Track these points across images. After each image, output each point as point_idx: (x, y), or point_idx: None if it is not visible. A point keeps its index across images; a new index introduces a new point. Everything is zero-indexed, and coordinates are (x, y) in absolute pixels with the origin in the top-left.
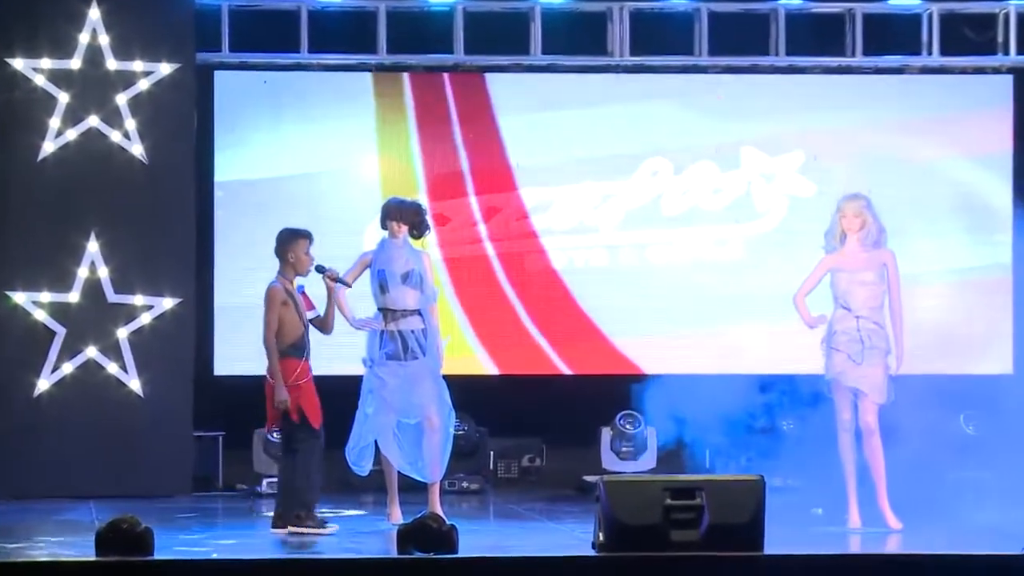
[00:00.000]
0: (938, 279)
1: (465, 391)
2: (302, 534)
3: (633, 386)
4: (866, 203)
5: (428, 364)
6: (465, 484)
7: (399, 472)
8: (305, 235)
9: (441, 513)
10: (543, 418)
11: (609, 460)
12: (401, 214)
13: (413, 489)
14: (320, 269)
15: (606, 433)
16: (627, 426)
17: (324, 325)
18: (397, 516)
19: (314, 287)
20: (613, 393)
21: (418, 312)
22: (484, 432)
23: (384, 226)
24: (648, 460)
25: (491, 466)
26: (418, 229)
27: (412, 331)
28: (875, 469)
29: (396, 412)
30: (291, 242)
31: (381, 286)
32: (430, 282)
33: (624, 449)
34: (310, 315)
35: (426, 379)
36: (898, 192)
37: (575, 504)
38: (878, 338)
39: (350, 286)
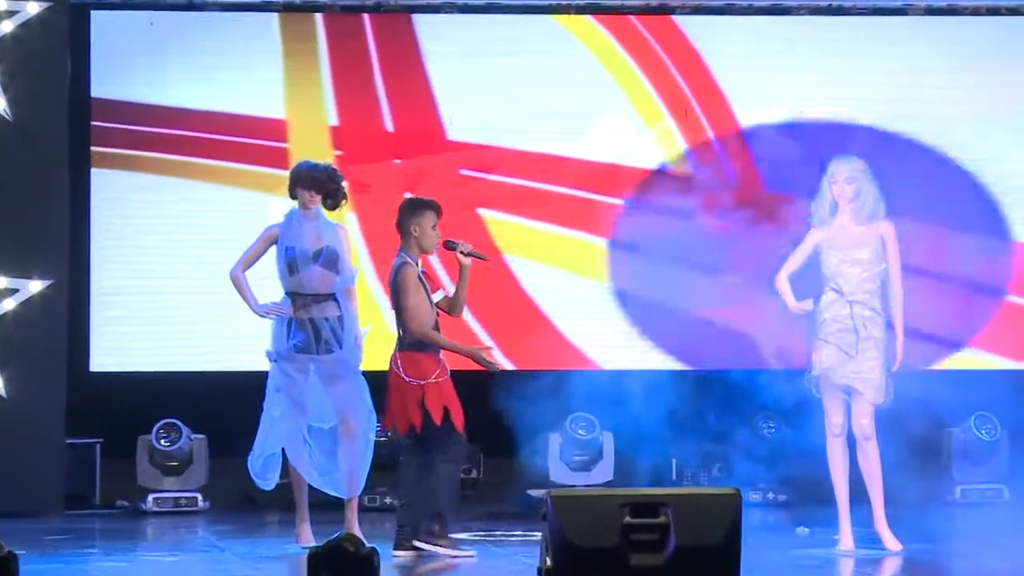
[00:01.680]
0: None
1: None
2: (433, 553)
3: (587, 385)
4: (861, 167)
5: (345, 358)
6: (388, 500)
7: (310, 486)
8: (432, 206)
9: (359, 534)
10: (481, 422)
11: (558, 471)
12: (313, 181)
13: (327, 506)
14: (450, 245)
15: (555, 440)
16: (580, 431)
17: (455, 306)
18: (307, 537)
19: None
20: (564, 393)
21: (333, 297)
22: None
23: (293, 195)
24: (604, 471)
25: None
26: (333, 198)
27: (326, 319)
28: (871, 481)
29: (307, 415)
30: (415, 214)
31: (289, 266)
32: (347, 261)
33: (576, 458)
34: (436, 297)
35: (343, 376)
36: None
37: (518, 523)
38: (874, 327)
39: (487, 259)
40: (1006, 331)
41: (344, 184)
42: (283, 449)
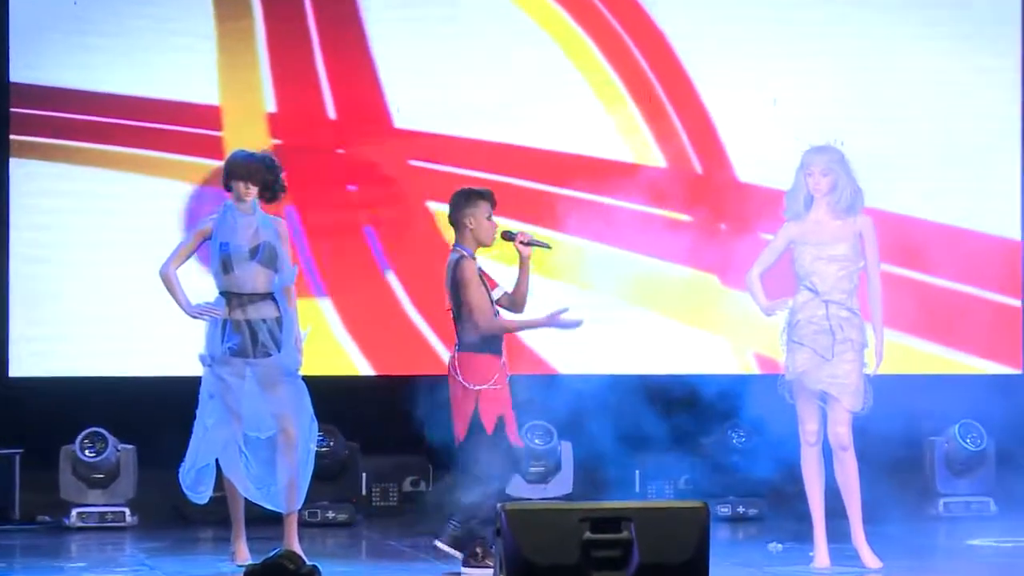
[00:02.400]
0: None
1: (331, 397)
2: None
3: (543, 390)
4: (838, 158)
5: (283, 362)
6: (330, 514)
7: (247, 500)
8: (485, 196)
9: (299, 551)
10: (430, 430)
11: (513, 483)
12: (249, 172)
13: (264, 521)
14: (508, 236)
15: None
16: (536, 440)
17: (516, 302)
18: (244, 555)
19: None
20: (520, 400)
21: (271, 296)
22: (355, 448)
23: (227, 187)
24: (563, 483)
25: (363, 491)
26: (271, 191)
27: (263, 320)
28: (848, 494)
29: (243, 423)
30: (468, 206)
31: (224, 263)
32: (286, 258)
33: (532, 469)
34: (495, 295)
35: (281, 381)
36: (876, 142)
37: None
38: (852, 329)
39: (550, 247)
40: (992, 333)
41: (283, 175)
42: (217, 460)
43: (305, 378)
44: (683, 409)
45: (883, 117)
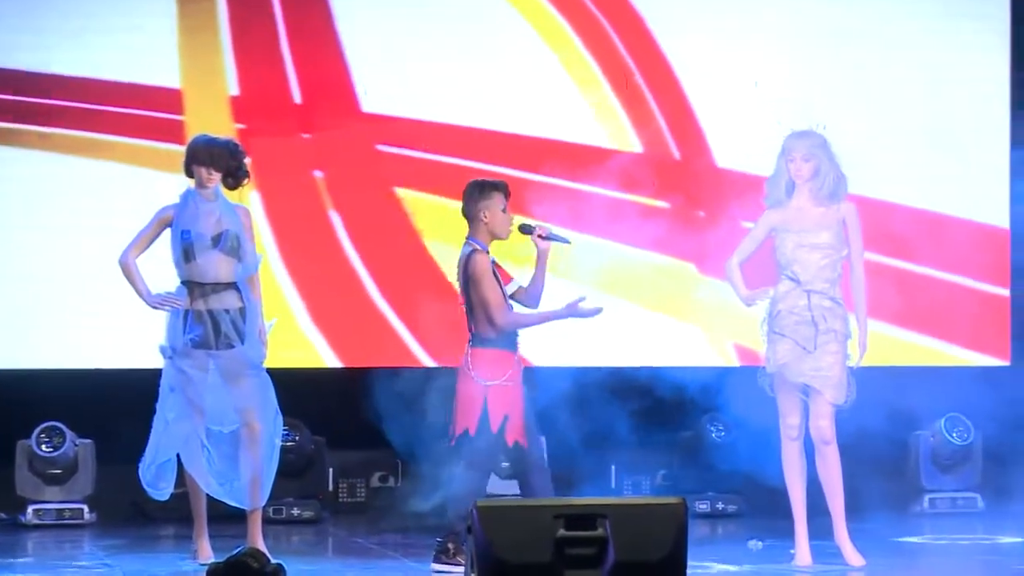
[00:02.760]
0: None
1: (296, 389)
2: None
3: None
4: (820, 142)
5: (247, 354)
6: (296, 511)
7: (209, 496)
8: (500, 188)
9: (264, 549)
10: (399, 424)
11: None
12: (212, 157)
13: (228, 518)
14: (526, 229)
15: None
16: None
17: (531, 297)
18: (206, 553)
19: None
20: None
21: (234, 286)
22: (321, 443)
23: (189, 173)
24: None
25: (330, 487)
26: (234, 177)
27: (226, 311)
28: (830, 490)
29: (205, 417)
30: (483, 198)
31: (186, 252)
32: (250, 247)
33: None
34: (510, 289)
35: (245, 374)
36: (859, 127)
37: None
38: (835, 319)
39: (569, 242)
40: (980, 324)
41: (247, 161)
42: (178, 455)
43: (270, 370)
44: (660, 402)
45: (867, 101)
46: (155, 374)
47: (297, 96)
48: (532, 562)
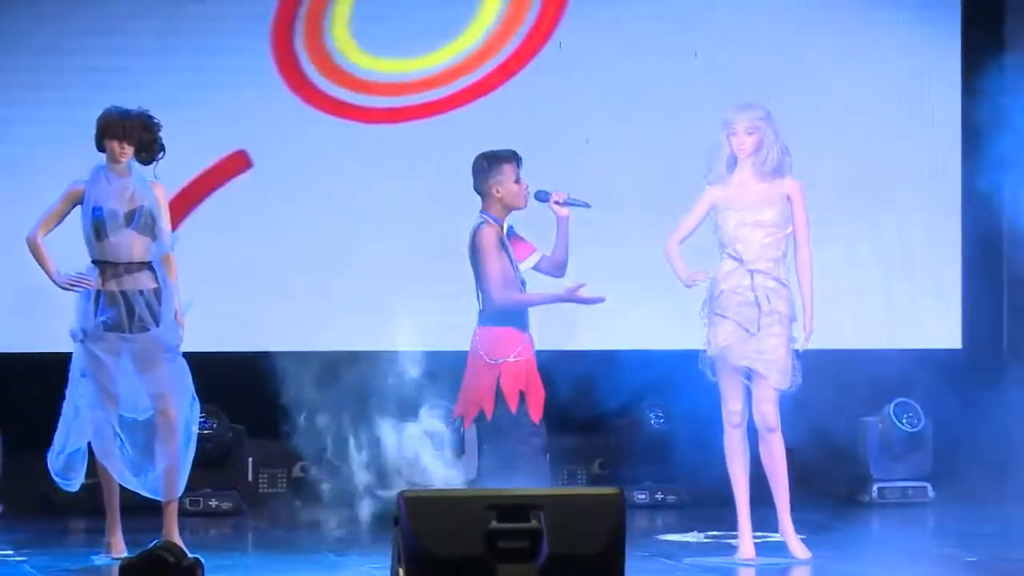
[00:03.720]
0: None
1: (214, 374)
2: None
3: (446, 367)
4: (763, 115)
5: (163, 337)
6: (214, 503)
7: (122, 486)
8: (509, 157)
9: (180, 543)
10: (323, 411)
11: (415, 468)
12: (125, 130)
13: (142, 509)
14: (542, 196)
15: (409, 431)
16: (437, 421)
17: (557, 266)
18: (119, 547)
19: None
20: (420, 377)
21: (149, 266)
22: (241, 431)
23: (101, 147)
24: (466, 468)
25: (250, 477)
26: (148, 151)
27: (140, 292)
28: (775, 479)
29: (118, 404)
30: (491, 171)
31: (97, 230)
32: (166, 224)
33: (434, 452)
34: (533, 259)
35: (160, 358)
36: (801, 104)
37: (366, 529)
38: (779, 300)
39: (590, 206)
40: (930, 306)
41: (161, 134)
42: (89, 444)
43: (186, 354)
44: (597, 387)
45: (810, 77)
46: (65, 359)
47: None
48: (462, 555)
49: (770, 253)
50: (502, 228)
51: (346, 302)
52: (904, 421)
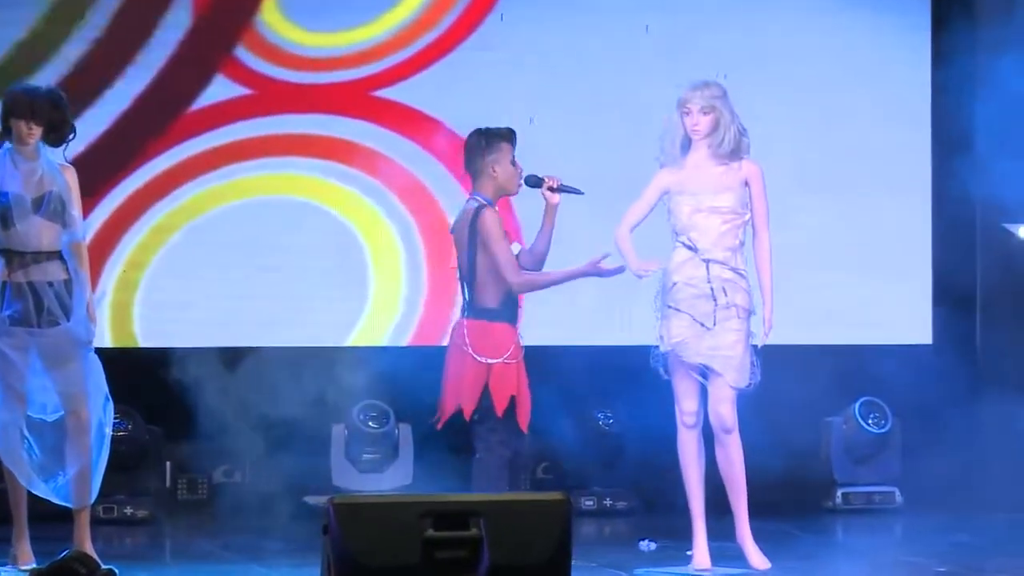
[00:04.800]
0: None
1: (129, 373)
2: None
3: (380, 364)
4: (720, 94)
5: (74, 332)
6: (128, 510)
7: (30, 493)
8: (507, 137)
9: (92, 552)
10: (246, 412)
11: (343, 472)
12: (33, 109)
13: (52, 517)
14: (533, 181)
15: (339, 432)
16: (370, 423)
17: (536, 259)
18: (27, 557)
19: None
20: (351, 375)
21: (59, 255)
22: (157, 433)
23: (5, 127)
24: (401, 472)
25: (167, 483)
26: (58, 132)
27: (50, 284)
28: (732, 484)
29: (26, 404)
30: (489, 149)
31: (2, 216)
32: (77, 211)
33: (366, 456)
34: (513, 250)
35: (71, 355)
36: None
37: (293, 538)
38: (737, 292)
39: (583, 192)
40: (899, 299)
41: (71, 114)
42: None
43: (99, 351)
44: (540, 385)
45: (770, 53)
46: None
47: None
48: (396, 565)
49: (727, 242)
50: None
51: (271, 296)
52: (870, 421)
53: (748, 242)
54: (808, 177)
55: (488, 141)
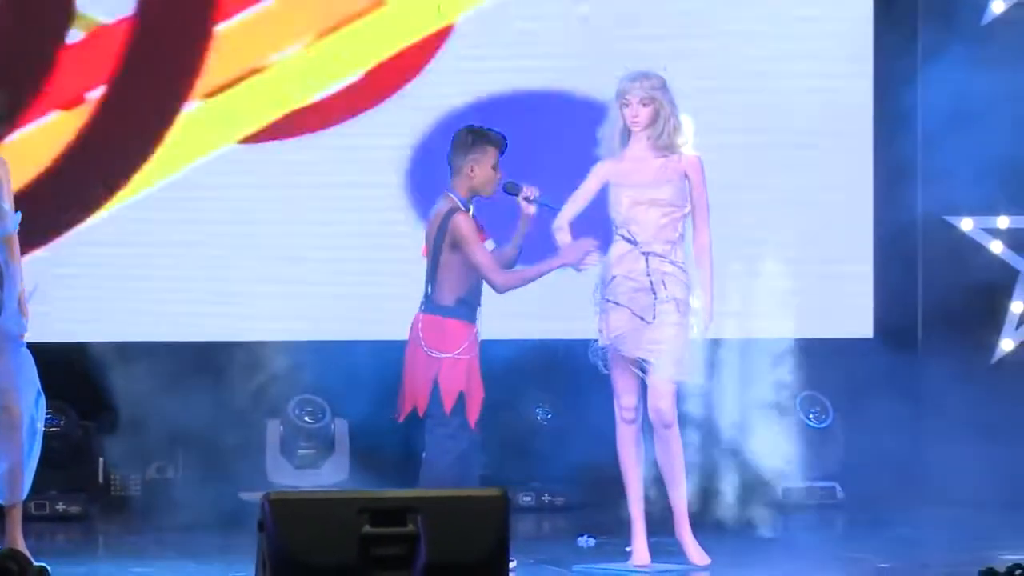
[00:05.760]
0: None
1: (61, 367)
2: None
3: (315, 359)
4: (659, 84)
5: (5, 326)
6: (61, 506)
7: None
8: (495, 142)
9: (25, 550)
10: (179, 407)
11: (278, 468)
12: None
13: None
14: (511, 188)
15: (274, 427)
16: (306, 418)
17: (507, 261)
18: None
19: None
20: (286, 370)
21: None
22: (91, 428)
23: None
24: (338, 468)
25: (100, 479)
26: None
27: None
28: (672, 479)
29: None
30: (475, 150)
31: None
32: (7, 204)
33: (302, 451)
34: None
35: (3, 350)
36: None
37: (227, 534)
38: (676, 286)
39: (559, 208)
40: (840, 292)
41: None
42: None
43: (30, 345)
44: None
45: (710, 45)
46: None
47: None
48: (333, 563)
49: (667, 234)
50: (470, 212)
51: (206, 291)
52: (811, 416)
53: (688, 235)
54: (748, 169)
55: (476, 140)
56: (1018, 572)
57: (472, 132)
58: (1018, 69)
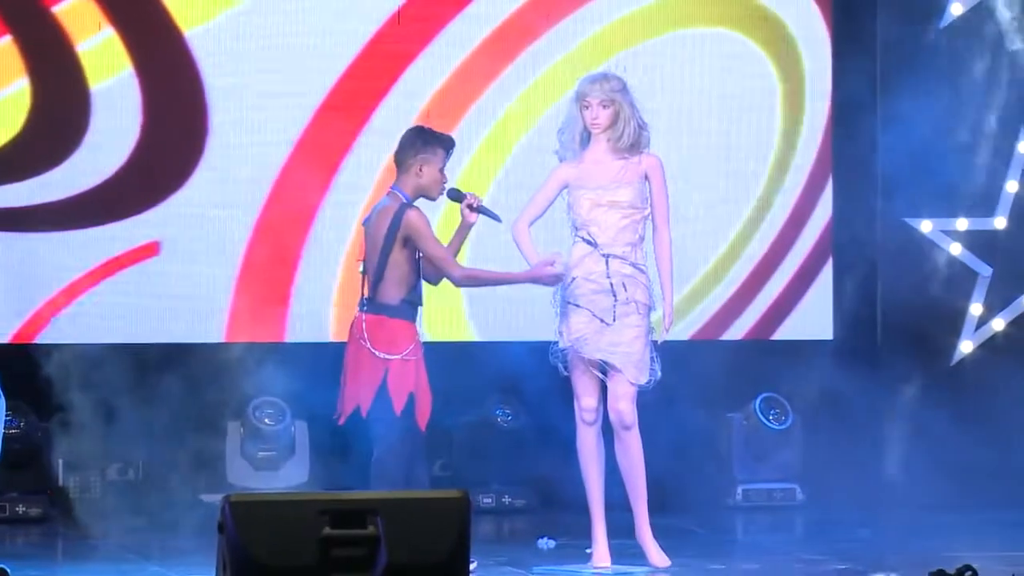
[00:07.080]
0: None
1: (19, 367)
2: None
3: (272, 359)
4: (619, 86)
5: None
6: (20, 508)
7: None
8: (445, 144)
9: None
10: (139, 408)
11: (239, 470)
12: None
13: None
14: (455, 195)
15: (234, 429)
16: (266, 420)
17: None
18: None
19: None
20: (246, 371)
21: None
22: (50, 430)
23: None
24: (298, 469)
25: (59, 481)
26: None
27: None
28: (632, 481)
29: None
30: (424, 150)
31: None
32: None
33: (262, 453)
34: None
35: None
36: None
37: (188, 536)
38: (636, 288)
39: (501, 220)
40: (799, 294)
41: None
42: None
43: None
44: (438, 381)
45: (668, 47)
46: None
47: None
48: (293, 565)
49: (627, 237)
50: None
51: (167, 294)
52: (771, 418)
53: (648, 237)
54: (708, 170)
55: (426, 140)
56: (968, 573)
57: (423, 132)
58: (976, 71)
